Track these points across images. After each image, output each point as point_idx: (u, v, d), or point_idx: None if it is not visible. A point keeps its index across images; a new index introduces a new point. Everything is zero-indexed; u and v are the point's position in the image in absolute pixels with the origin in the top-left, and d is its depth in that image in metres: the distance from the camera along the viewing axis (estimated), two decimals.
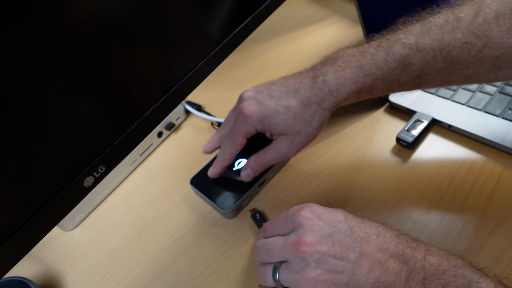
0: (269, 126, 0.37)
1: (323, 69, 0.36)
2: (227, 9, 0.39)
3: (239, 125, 0.38)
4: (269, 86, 0.39)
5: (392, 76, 0.34)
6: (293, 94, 0.36)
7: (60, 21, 0.25)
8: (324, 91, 0.35)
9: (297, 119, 0.36)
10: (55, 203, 0.28)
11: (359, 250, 0.27)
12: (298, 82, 0.37)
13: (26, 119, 0.25)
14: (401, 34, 0.34)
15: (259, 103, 0.37)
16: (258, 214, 0.41)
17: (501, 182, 0.40)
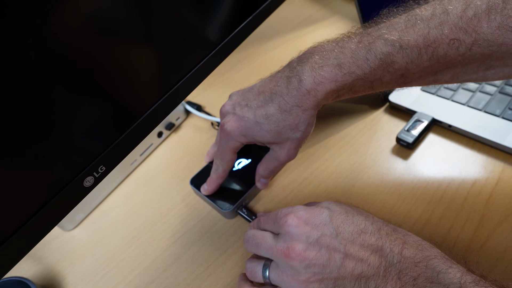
0: (254, 138, 0.36)
1: (298, 66, 0.33)
2: (227, 9, 0.39)
3: (224, 142, 0.37)
4: (246, 94, 0.37)
5: (374, 76, 0.32)
6: (271, 100, 0.34)
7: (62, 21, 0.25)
8: (301, 92, 0.33)
9: (281, 127, 0.34)
10: (55, 203, 0.28)
11: (343, 252, 0.29)
12: (273, 85, 0.35)
13: (26, 120, 0.25)
14: (384, 29, 0.31)
15: (238, 117, 0.36)
16: (244, 209, 0.42)
17: (501, 182, 0.40)
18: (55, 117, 0.27)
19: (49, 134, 0.27)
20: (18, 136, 0.25)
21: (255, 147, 0.47)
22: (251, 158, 0.46)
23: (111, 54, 0.29)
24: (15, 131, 0.25)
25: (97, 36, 0.28)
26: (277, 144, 0.36)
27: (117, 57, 0.30)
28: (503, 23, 0.26)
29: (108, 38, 0.29)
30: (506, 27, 0.26)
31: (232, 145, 0.37)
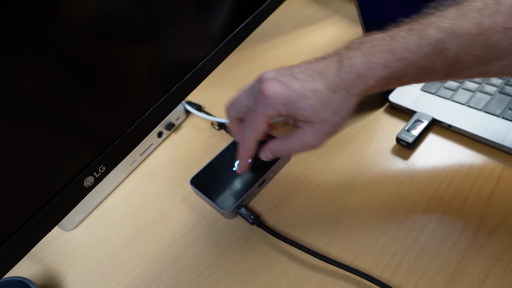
0: (294, 111, 0.34)
1: (349, 53, 0.33)
2: (227, 10, 0.39)
3: (260, 107, 0.34)
4: (291, 68, 0.36)
5: (425, 62, 0.31)
6: (319, 78, 0.33)
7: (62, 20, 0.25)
8: (352, 75, 0.32)
9: (324, 106, 0.33)
10: (55, 203, 0.28)
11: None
12: (323, 66, 0.34)
13: (25, 120, 0.25)
14: (434, 18, 0.31)
15: (282, 84, 0.34)
16: (244, 209, 0.41)
17: (501, 182, 0.40)
18: (55, 116, 0.27)
19: (49, 134, 0.27)
20: (18, 137, 0.25)
21: None
22: (251, 158, 0.46)
23: (111, 54, 0.29)
24: (15, 132, 0.25)
25: (97, 36, 0.28)
26: (311, 123, 0.34)
27: (117, 57, 0.30)
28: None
29: (108, 37, 0.29)
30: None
31: (269, 112, 0.34)
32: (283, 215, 0.42)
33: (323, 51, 0.67)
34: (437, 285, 0.33)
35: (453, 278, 0.34)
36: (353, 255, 0.37)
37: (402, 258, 0.36)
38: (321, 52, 0.69)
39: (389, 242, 0.37)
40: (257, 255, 0.39)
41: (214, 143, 0.52)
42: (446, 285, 0.33)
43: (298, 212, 0.41)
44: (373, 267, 0.36)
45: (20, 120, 0.25)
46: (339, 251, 0.37)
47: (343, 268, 0.35)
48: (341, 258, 0.37)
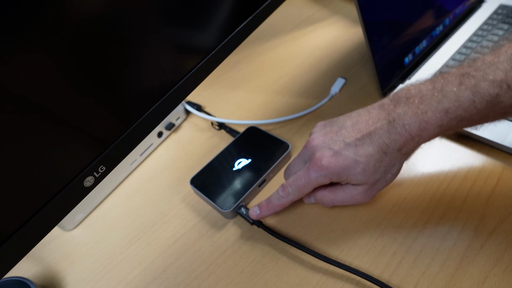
0: (347, 177, 0.35)
1: (398, 110, 0.33)
2: (227, 9, 0.39)
3: (314, 176, 0.35)
4: (339, 130, 0.36)
5: (479, 116, 0.31)
6: (370, 141, 0.34)
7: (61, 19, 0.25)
8: (404, 137, 0.32)
9: (376, 167, 0.34)
10: (55, 203, 0.28)
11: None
12: (370, 125, 0.34)
13: (25, 119, 0.25)
14: (486, 69, 0.31)
15: (336, 153, 0.34)
16: (244, 209, 0.41)
17: (501, 182, 0.40)
18: (55, 116, 0.27)
19: (49, 133, 0.27)
20: (18, 137, 0.25)
21: (255, 147, 0.47)
22: (251, 158, 0.46)
23: (111, 54, 0.29)
24: (15, 132, 0.25)
25: (96, 35, 0.28)
26: (363, 185, 0.36)
27: (117, 56, 0.30)
28: None
29: (106, 37, 0.29)
30: None
31: (321, 181, 0.36)
32: (283, 215, 0.42)
33: (323, 51, 0.67)
34: (437, 285, 0.33)
35: (453, 278, 0.34)
36: (353, 255, 0.37)
37: (402, 258, 0.36)
38: (321, 52, 0.70)
39: (389, 242, 0.37)
40: (257, 255, 0.39)
41: (214, 143, 0.52)
42: (446, 285, 0.33)
43: (298, 212, 0.41)
44: (373, 267, 0.36)
45: (20, 120, 0.25)
46: (339, 251, 0.37)
47: (343, 268, 0.35)
48: (341, 258, 0.37)
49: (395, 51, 0.51)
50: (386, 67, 0.50)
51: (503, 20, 0.59)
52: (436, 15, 0.56)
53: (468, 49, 0.55)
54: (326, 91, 0.56)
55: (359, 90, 0.55)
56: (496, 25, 0.58)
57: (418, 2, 0.53)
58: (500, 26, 0.58)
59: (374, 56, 0.48)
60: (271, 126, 0.52)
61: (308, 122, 0.52)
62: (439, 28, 0.58)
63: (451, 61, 0.54)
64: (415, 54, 0.54)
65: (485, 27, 0.58)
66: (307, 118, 0.52)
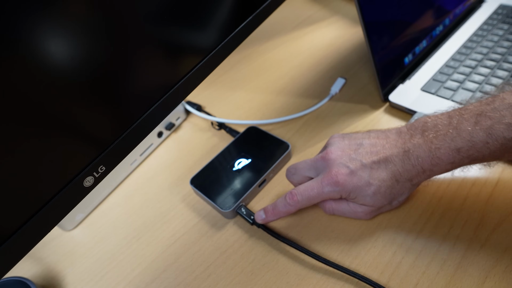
0: (357, 197, 0.36)
1: (413, 141, 0.34)
2: (227, 9, 0.39)
3: (327, 190, 0.36)
4: (357, 149, 0.37)
5: (492, 157, 0.31)
6: (385, 166, 0.35)
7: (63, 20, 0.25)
8: (416, 169, 0.33)
9: (386, 193, 0.35)
10: (55, 203, 0.28)
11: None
12: (387, 150, 0.35)
13: (25, 119, 0.25)
14: (504, 110, 0.30)
15: (352, 173, 0.35)
16: (244, 209, 0.41)
17: (501, 182, 0.40)
18: (55, 116, 0.27)
19: (49, 134, 0.27)
20: (18, 137, 0.25)
21: (255, 147, 0.47)
22: (251, 158, 0.46)
23: (110, 54, 0.29)
24: (15, 132, 0.25)
25: (96, 35, 0.28)
26: (369, 206, 0.37)
27: (117, 56, 0.30)
28: None
29: (108, 36, 0.29)
30: None
31: (332, 196, 0.36)
32: None
33: (323, 51, 0.67)
34: (437, 285, 0.33)
35: (453, 278, 0.34)
36: (353, 255, 0.37)
37: (402, 258, 0.36)
38: (321, 52, 0.70)
39: (389, 242, 0.37)
40: (257, 255, 0.39)
41: (214, 143, 0.52)
42: (446, 285, 0.33)
43: (298, 212, 0.41)
44: (373, 267, 0.36)
45: (20, 120, 0.25)
46: (339, 251, 0.37)
47: (341, 271, 0.35)
48: (341, 258, 0.37)
49: (395, 51, 0.51)
50: (386, 67, 0.50)
51: (503, 20, 0.59)
52: (436, 15, 0.56)
53: (468, 49, 0.55)
54: (326, 91, 0.56)
55: (359, 90, 0.55)
56: (496, 25, 0.58)
57: (418, 2, 0.53)
58: (500, 26, 0.58)
59: (374, 56, 0.48)
60: (271, 126, 0.52)
61: (308, 122, 0.52)
62: (439, 28, 0.58)
63: (451, 61, 0.54)
64: (415, 54, 0.54)
65: (485, 27, 0.58)
66: (307, 118, 0.52)
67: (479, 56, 0.53)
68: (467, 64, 0.53)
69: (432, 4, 0.55)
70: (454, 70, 0.52)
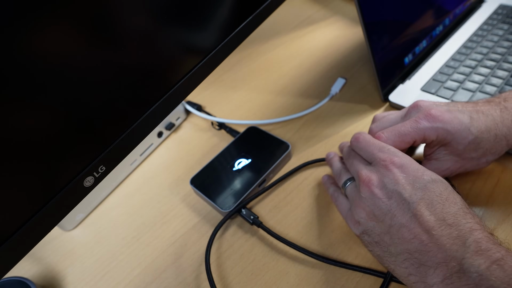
0: (451, 142, 0.33)
1: (506, 104, 0.33)
2: (227, 9, 0.39)
3: (424, 125, 0.33)
4: (452, 103, 0.35)
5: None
6: (485, 118, 0.33)
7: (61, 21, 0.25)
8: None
9: (480, 146, 0.33)
10: (55, 203, 0.28)
11: (404, 223, 0.28)
12: (483, 106, 0.34)
13: (26, 119, 0.25)
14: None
15: (452, 113, 0.33)
16: (244, 209, 0.41)
17: (501, 182, 0.40)
18: (55, 116, 0.27)
19: (49, 134, 0.27)
20: (19, 137, 0.25)
21: (255, 147, 0.47)
22: (251, 158, 0.46)
23: (110, 54, 0.29)
24: (16, 133, 0.25)
25: (95, 34, 0.28)
26: (455, 157, 0.35)
27: (117, 56, 0.30)
28: None
29: (107, 36, 0.29)
30: None
31: (427, 134, 0.33)
32: (283, 215, 0.42)
33: (323, 51, 0.67)
34: None
35: None
36: (353, 255, 0.37)
37: None
38: (321, 52, 0.70)
39: None
40: (257, 255, 0.39)
41: (214, 143, 0.52)
42: None
43: (298, 212, 0.41)
44: (374, 267, 0.35)
45: (20, 120, 0.25)
46: (339, 251, 0.37)
47: (342, 266, 0.35)
48: (341, 258, 0.37)
49: (395, 51, 0.51)
50: (386, 67, 0.50)
51: (503, 20, 0.59)
52: (436, 15, 0.56)
53: (468, 49, 0.55)
54: (326, 91, 0.56)
55: (359, 90, 0.55)
56: (496, 25, 0.58)
57: (418, 2, 0.53)
58: (500, 26, 0.58)
59: (374, 56, 0.48)
60: (271, 126, 0.52)
61: (308, 122, 0.52)
62: (439, 28, 0.58)
63: (451, 61, 0.54)
64: (415, 54, 0.54)
65: (485, 27, 0.58)
66: (307, 118, 0.52)
67: (479, 56, 0.53)
68: (467, 64, 0.53)
69: (432, 4, 0.55)
70: (454, 70, 0.52)
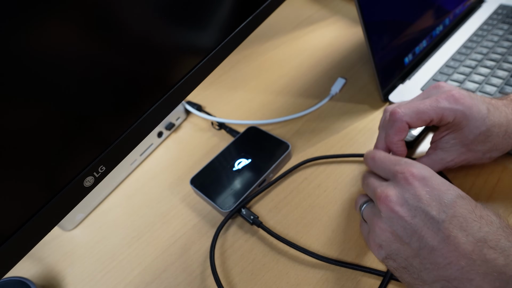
0: (464, 129, 0.33)
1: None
2: (227, 9, 0.39)
3: (444, 104, 0.33)
4: (468, 91, 0.35)
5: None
6: (499, 113, 0.33)
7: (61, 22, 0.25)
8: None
9: (488, 140, 0.33)
10: (55, 203, 0.28)
11: (436, 246, 0.25)
12: (499, 102, 0.34)
13: (25, 119, 0.25)
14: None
15: (472, 99, 0.33)
16: (244, 209, 0.41)
17: (501, 182, 0.40)
18: (55, 116, 0.27)
19: (49, 134, 0.27)
20: (19, 137, 0.25)
21: (255, 147, 0.47)
22: (251, 158, 0.46)
23: (109, 54, 0.29)
24: (16, 132, 0.25)
25: (94, 33, 0.28)
26: (463, 146, 0.35)
27: (117, 55, 0.30)
28: None
29: (107, 36, 0.29)
30: None
31: (445, 115, 0.33)
32: (283, 215, 0.42)
33: (323, 51, 0.67)
34: None
35: None
36: (353, 255, 0.37)
37: None
38: (321, 52, 0.70)
39: None
40: (257, 255, 0.39)
41: (214, 143, 0.52)
42: None
43: (298, 212, 0.41)
44: (374, 266, 0.35)
45: (19, 121, 0.25)
46: (339, 251, 0.37)
47: (344, 266, 0.35)
48: (341, 258, 0.37)
49: (395, 51, 0.51)
50: (386, 67, 0.50)
51: (503, 20, 0.59)
52: (436, 15, 0.56)
53: (468, 49, 0.55)
54: (326, 91, 0.56)
55: (359, 90, 0.55)
56: (496, 25, 0.58)
57: (418, 2, 0.53)
58: (500, 26, 0.58)
59: (374, 56, 0.48)
60: (271, 126, 0.52)
61: (308, 122, 0.52)
62: (439, 28, 0.58)
63: (451, 61, 0.54)
64: (415, 54, 0.54)
65: (485, 27, 0.58)
66: (307, 118, 0.52)
67: (479, 56, 0.53)
68: (467, 64, 0.53)
69: (432, 4, 0.55)
70: (454, 70, 0.52)
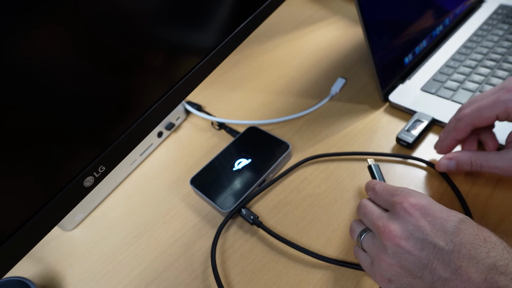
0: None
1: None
2: (227, 9, 0.39)
3: (505, 96, 0.33)
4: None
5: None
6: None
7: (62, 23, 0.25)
8: None
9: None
10: (55, 203, 0.28)
11: (446, 277, 0.25)
12: None
13: (25, 119, 0.25)
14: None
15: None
16: (244, 209, 0.41)
17: (501, 182, 0.40)
18: (55, 116, 0.27)
19: (50, 134, 0.27)
20: (19, 137, 0.25)
21: (255, 147, 0.47)
22: (251, 158, 0.46)
23: (110, 54, 0.29)
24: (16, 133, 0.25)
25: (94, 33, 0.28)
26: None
27: (117, 55, 0.30)
28: None
29: (107, 36, 0.29)
30: None
31: (509, 107, 0.33)
32: (283, 215, 0.42)
33: (323, 51, 0.67)
34: None
35: None
36: (353, 254, 0.37)
37: None
38: (321, 52, 0.70)
39: None
40: (257, 255, 0.39)
41: (214, 143, 0.52)
42: None
43: (298, 212, 0.41)
44: None
45: (19, 120, 0.25)
46: (339, 251, 0.37)
47: (344, 266, 0.35)
48: (341, 257, 0.37)
49: (395, 51, 0.51)
50: (386, 67, 0.50)
51: (503, 20, 0.59)
52: (436, 15, 0.56)
53: (468, 49, 0.55)
54: (326, 91, 0.56)
55: (359, 90, 0.55)
56: (496, 25, 0.58)
57: (418, 2, 0.53)
58: (500, 26, 0.58)
59: (374, 56, 0.48)
60: (271, 126, 0.52)
61: (308, 122, 0.52)
62: (439, 28, 0.58)
63: (451, 61, 0.54)
64: (415, 54, 0.54)
65: (485, 27, 0.58)
66: (307, 118, 0.52)
67: (479, 56, 0.53)
68: (467, 64, 0.53)
69: (432, 4, 0.55)
70: (454, 70, 0.52)
